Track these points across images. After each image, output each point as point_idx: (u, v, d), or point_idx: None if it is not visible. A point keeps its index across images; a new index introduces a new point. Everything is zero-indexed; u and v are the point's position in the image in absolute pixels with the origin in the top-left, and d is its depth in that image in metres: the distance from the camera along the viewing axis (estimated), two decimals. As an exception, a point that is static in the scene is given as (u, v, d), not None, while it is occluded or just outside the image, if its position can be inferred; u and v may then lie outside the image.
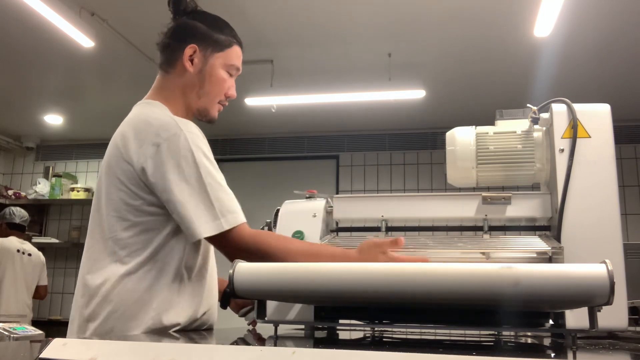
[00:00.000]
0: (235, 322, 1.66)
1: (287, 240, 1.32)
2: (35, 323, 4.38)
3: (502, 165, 1.43)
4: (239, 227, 1.26)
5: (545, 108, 1.38)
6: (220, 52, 1.42)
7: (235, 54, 1.45)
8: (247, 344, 1.00)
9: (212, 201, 1.24)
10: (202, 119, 1.46)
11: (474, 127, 1.46)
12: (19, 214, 4.55)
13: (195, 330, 1.31)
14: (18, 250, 4.42)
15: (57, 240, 5.66)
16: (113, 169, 1.30)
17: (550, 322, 1.04)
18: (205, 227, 1.23)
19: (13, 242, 4.43)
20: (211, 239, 1.26)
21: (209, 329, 1.37)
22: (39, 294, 4.63)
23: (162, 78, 1.44)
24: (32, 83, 4.54)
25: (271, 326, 1.04)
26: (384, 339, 1.16)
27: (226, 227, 1.24)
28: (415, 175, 5.48)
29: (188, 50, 1.40)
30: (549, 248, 1.19)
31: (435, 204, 1.40)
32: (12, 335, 2.13)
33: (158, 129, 1.27)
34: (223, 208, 1.25)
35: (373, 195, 1.52)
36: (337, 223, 1.48)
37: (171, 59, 1.42)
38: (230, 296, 0.99)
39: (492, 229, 1.37)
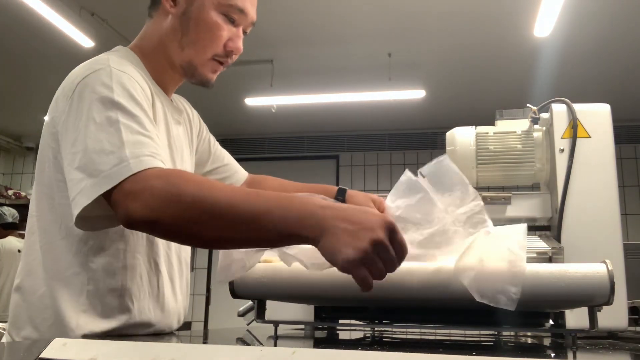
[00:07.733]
0: (235, 322, 1.66)
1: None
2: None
3: (502, 165, 1.42)
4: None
5: (545, 108, 1.38)
6: None
7: None
8: (247, 344, 1.00)
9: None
10: (192, 81, 1.08)
11: (474, 127, 1.46)
12: (10, 212, 4.54)
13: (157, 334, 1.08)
14: (19, 251, 4.41)
15: (57, 240, 5.65)
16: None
17: (550, 322, 1.04)
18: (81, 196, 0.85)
19: (12, 242, 4.42)
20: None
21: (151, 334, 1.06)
22: None
23: (145, 26, 1.13)
24: (32, 83, 4.54)
25: (271, 326, 1.04)
26: (384, 339, 1.16)
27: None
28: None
29: None
30: (549, 248, 1.19)
31: (435, 204, 1.39)
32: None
33: (84, 68, 0.97)
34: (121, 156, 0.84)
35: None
36: (337, 223, 1.48)
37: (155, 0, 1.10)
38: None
39: (492, 229, 1.37)
